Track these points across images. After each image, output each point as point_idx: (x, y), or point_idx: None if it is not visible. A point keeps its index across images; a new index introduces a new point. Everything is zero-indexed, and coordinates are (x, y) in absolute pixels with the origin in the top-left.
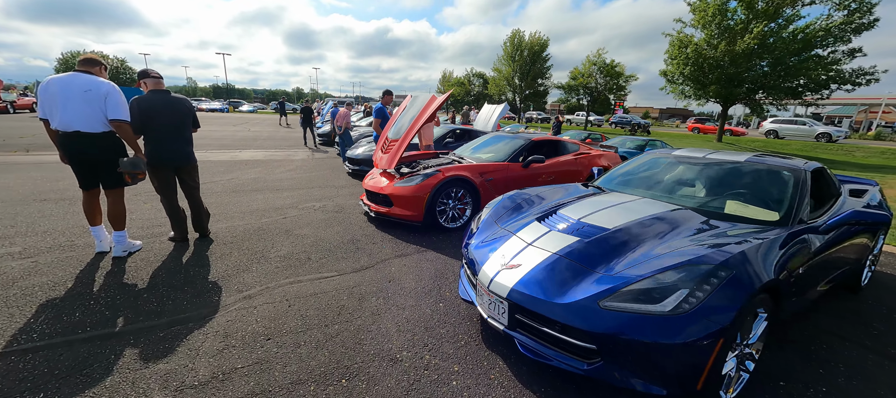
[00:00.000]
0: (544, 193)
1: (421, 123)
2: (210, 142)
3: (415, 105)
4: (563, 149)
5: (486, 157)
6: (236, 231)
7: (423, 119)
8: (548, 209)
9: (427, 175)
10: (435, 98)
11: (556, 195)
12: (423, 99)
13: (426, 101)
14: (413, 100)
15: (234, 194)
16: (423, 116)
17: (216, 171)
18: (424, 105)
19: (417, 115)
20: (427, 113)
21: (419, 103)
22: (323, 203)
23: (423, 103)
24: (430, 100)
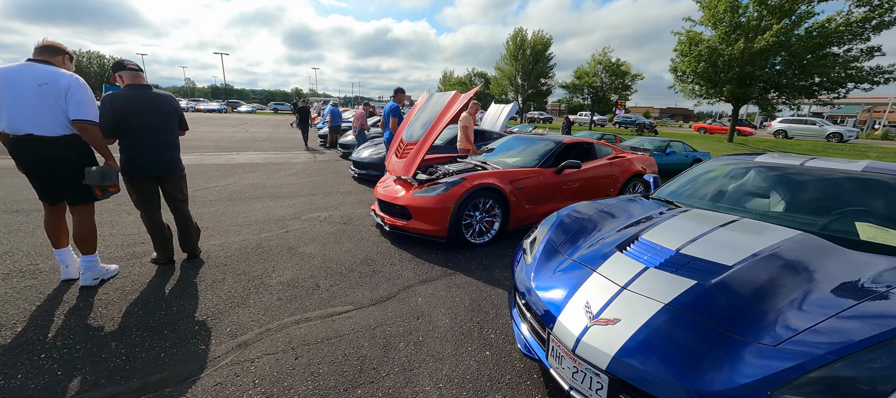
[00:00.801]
0: (605, 210)
1: (443, 125)
2: (206, 144)
3: (432, 104)
4: (594, 152)
5: (512, 161)
6: (231, 249)
7: (446, 120)
8: (626, 235)
9: (451, 183)
10: (458, 96)
11: (621, 213)
12: (442, 98)
13: (448, 101)
14: (430, 98)
15: (230, 203)
16: (446, 117)
17: (211, 177)
18: (446, 104)
19: (438, 115)
20: (450, 113)
21: (438, 103)
22: (329, 213)
23: (444, 103)
24: (452, 98)
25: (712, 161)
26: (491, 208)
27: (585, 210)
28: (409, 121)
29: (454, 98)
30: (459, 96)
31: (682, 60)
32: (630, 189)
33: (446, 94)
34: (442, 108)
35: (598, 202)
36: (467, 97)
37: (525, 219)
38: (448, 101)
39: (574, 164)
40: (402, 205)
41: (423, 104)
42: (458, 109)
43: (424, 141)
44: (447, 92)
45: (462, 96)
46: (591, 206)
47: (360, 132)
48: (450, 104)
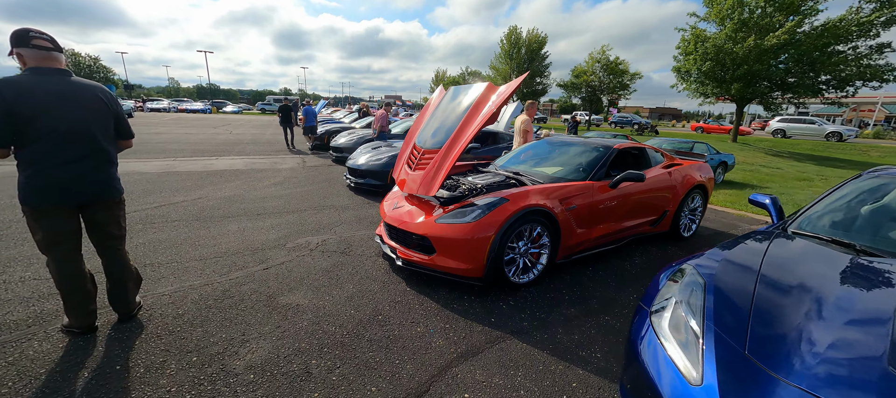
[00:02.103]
0: (761, 265)
1: (474, 128)
2: (182, 148)
3: (457, 101)
4: (646, 159)
5: (552, 172)
6: (185, 302)
7: (479, 122)
8: (871, 330)
9: (489, 206)
10: (494, 88)
11: (791, 267)
12: (470, 92)
13: (479, 96)
14: (451, 94)
15: (197, 225)
16: (478, 118)
17: (180, 188)
18: (476, 100)
19: (466, 115)
20: (484, 112)
21: (465, 99)
22: (321, 237)
23: (474, 99)
24: (485, 91)
25: (869, 179)
26: (538, 237)
27: (733, 267)
28: (423, 121)
29: (488, 91)
30: (495, 89)
31: (686, 59)
32: (688, 204)
33: (475, 88)
34: (471, 106)
35: (729, 248)
36: (509, 90)
37: (575, 248)
38: (480, 96)
39: (636, 177)
40: (421, 234)
41: (442, 101)
42: (495, 107)
43: (449, 149)
44: (476, 84)
45: (501, 89)
46: (735, 258)
47: (380, 134)
48: (482, 100)
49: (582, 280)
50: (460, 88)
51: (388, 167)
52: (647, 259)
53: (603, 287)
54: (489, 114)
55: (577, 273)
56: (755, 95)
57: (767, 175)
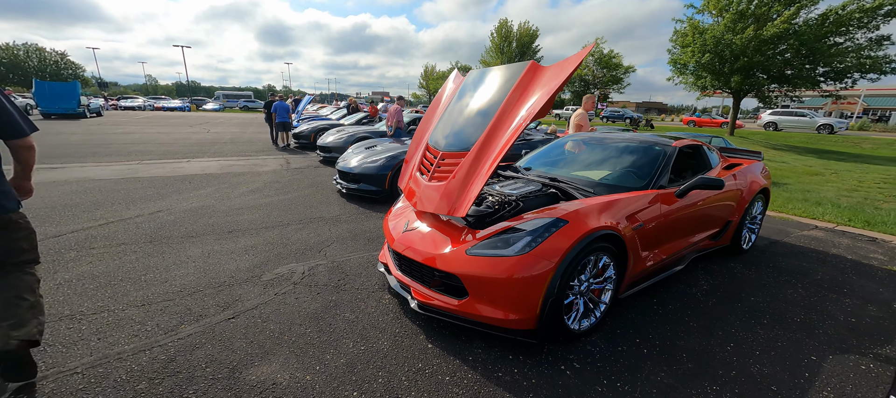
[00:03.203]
0: None
1: (519, 124)
2: (150, 148)
3: (485, 89)
4: (703, 159)
5: (599, 177)
6: (103, 388)
7: (525, 115)
8: None
9: (543, 230)
10: (539, 68)
11: None
12: (501, 75)
13: (519, 77)
14: (479, 79)
15: (149, 248)
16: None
17: (138, 198)
18: (516, 84)
19: (503, 104)
20: (533, 98)
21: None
22: (308, 264)
23: (513, 82)
24: (527, 72)
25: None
26: (603, 268)
27: None
28: (436, 115)
29: (531, 72)
30: (542, 70)
31: (683, 51)
32: (750, 212)
33: (511, 69)
34: (510, 94)
35: None
36: (571, 67)
37: (639, 276)
38: (521, 79)
39: (713, 184)
40: (448, 271)
41: (462, 89)
42: (549, 92)
43: (482, 153)
44: (510, 65)
45: (550, 70)
46: None
47: (396, 131)
48: (525, 85)
49: (651, 319)
50: (488, 72)
51: (386, 169)
52: (715, 283)
53: (683, 331)
54: (542, 103)
55: (642, 308)
56: (753, 88)
57: (777, 169)
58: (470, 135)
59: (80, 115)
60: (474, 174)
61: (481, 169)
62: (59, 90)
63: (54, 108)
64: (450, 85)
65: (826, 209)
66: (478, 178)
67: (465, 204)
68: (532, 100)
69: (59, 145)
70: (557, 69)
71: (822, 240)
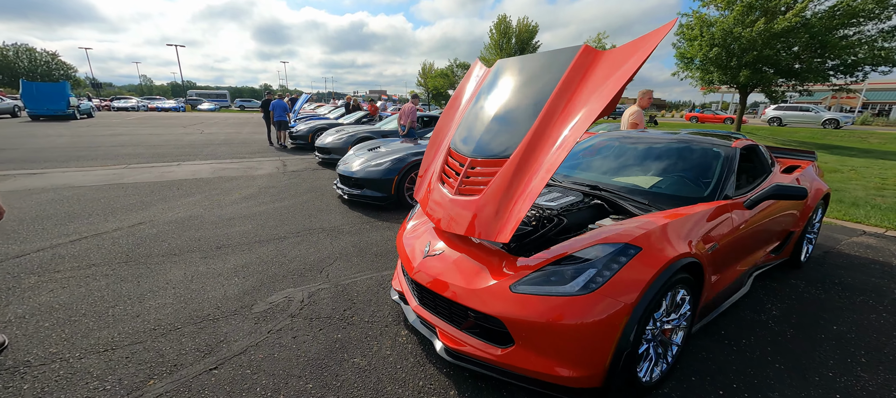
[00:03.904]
0: None
1: (580, 123)
2: (140, 151)
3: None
4: (761, 161)
5: (649, 184)
6: None
7: (588, 112)
8: None
9: (609, 260)
10: (595, 53)
11: None
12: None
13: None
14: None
15: (124, 270)
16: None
17: (119, 207)
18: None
19: (553, 97)
20: (603, 90)
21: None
22: (308, 288)
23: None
24: (579, 57)
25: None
26: (681, 301)
27: None
28: (457, 114)
29: (585, 57)
30: (603, 57)
31: (689, 46)
32: (812, 222)
33: (556, 54)
34: (557, 85)
35: None
36: (638, 58)
37: (709, 305)
38: (571, 66)
39: (794, 193)
40: (486, 313)
41: (493, 82)
42: (619, 84)
43: (526, 161)
44: (554, 50)
45: (614, 55)
46: None
47: (409, 131)
48: (579, 73)
49: (726, 358)
50: (524, 61)
51: (392, 173)
52: (783, 307)
53: (772, 375)
54: (610, 96)
55: (710, 343)
56: (762, 82)
57: None
58: (508, 138)
59: (69, 117)
60: (518, 189)
61: (528, 182)
62: (47, 91)
63: (42, 109)
64: (473, 77)
65: (866, 211)
66: (524, 195)
67: (509, 227)
68: (594, 93)
69: (43, 149)
70: (625, 53)
71: (878, 248)
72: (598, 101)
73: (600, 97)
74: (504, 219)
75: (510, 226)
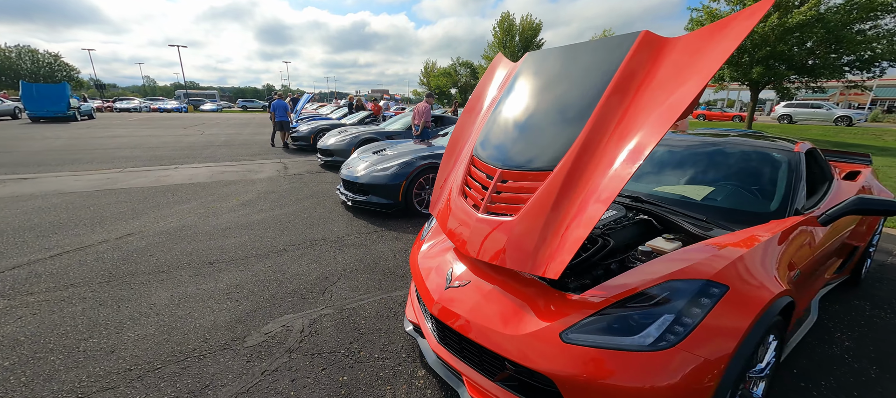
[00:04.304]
0: None
1: (661, 124)
2: (138, 153)
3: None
4: (820, 167)
5: (700, 196)
6: None
7: (671, 112)
8: None
9: (690, 303)
10: (659, 39)
11: None
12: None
13: (629, 52)
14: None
15: (105, 291)
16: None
17: (109, 215)
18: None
19: (608, 91)
20: (669, 86)
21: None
22: (310, 314)
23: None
24: (639, 43)
25: None
26: (765, 350)
27: None
28: (479, 117)
29: (649, 46)
30: (673, 44)
31: None
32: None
33: (603, 46)
34: (611, 80)
35: None
36: (727, 44)
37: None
38: (628, 58)
39: (880, 207)
40: (530, 368)
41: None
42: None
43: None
44: (603, 39)
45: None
46: None
47: (424, 131)
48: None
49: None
50: (563, 52)
51: (399, 178)
52: (855, 336)
53: None
54: (692, 95)
55: (785, 384)
56: (774, 79)
57: None
58: (548, 147)
59: (69, 118)
60: (568, 211)
61: (583, 204)
62: (47, 92)
63: (42, 110)
64: (497, 74)
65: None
66: (578, 221)
67: (558, 260)
68: (667, 91)
69: (38, 151)
70: (702, 40)
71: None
72: (678, 102)
73: (680, 98)
74: (551, 250)
75: (560, 259)
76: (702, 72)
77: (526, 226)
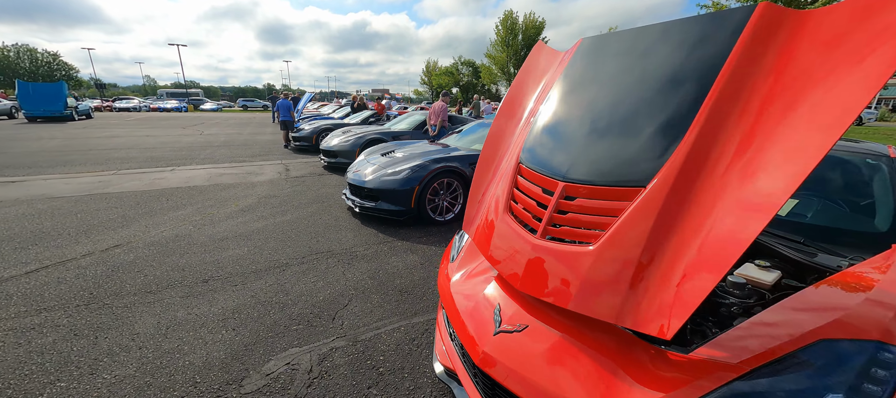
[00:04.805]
0: None
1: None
2: (134, 154)
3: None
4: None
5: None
6: None
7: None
8: None
9: (863, 377)
10: (785, 12)
11: None
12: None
13: (738, 28)
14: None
15: (84, 315)
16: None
17: (99, 223)
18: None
19: (718, 87)
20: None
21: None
22: (318, 348)
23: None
24: (758, 20)
25: None
26: None
27: None
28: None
29: (777, 21)
30: (809, 19)
31: None
32: None
33: (704, 22)
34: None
35: None
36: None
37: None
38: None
39: None
40: None
41: (579, 67)
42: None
43: (682, 192)
44: (708, 14)
45: (827, 18)
46: None
47: (441, 132)
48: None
49: None
50: (636, 35)
51: (412, 183)
52: None
53: None
54: (880, 79)
55: None
56: None
57: None
58: (638, 154)
59: (67, 118)
60: (683, 244)
61: (708, 236)
62: (43, 91)
63: (39, 110)
64: (541, 65)
65: None
66: (703, 260)
67: (674, 315)
68: (834, 79)
69: (31, 152)
70: (862, 8)
71: None
72: (846, 97)
73: (850, 91)
74: (661, 300)
75: (676, 313)
76: (882, 56)
77: (612, 260)
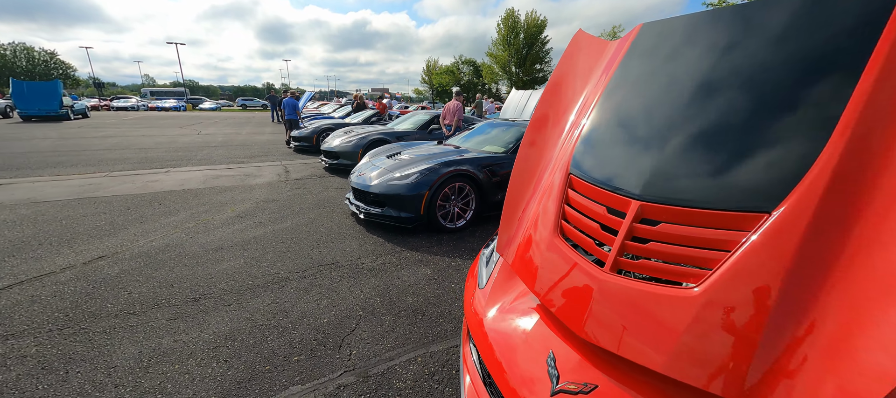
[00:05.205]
0: None
1: None
2: (128, 154)
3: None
4: None
5: None
6: None
7: None
8: None
9: None
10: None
11: None
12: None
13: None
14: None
15: (56, 343)
16: None
17: (84, 230)
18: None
19: (873, 64)
20: None
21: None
22: (324, 386)
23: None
24: None
25: None
26: None
27: None
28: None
29: None
30: None
31: None
32: None
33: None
34: (872, 49)
35: None
36: None
37: None
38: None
39: None
40: None
41: (644, 58)
42: None
43: (829, 214)
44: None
45: None
46: None
47: (455, 131)
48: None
49: None
50: (718, 18)
51: (421, 188)
52: None
53: None
54: None
55: None
56: None
57: None
58: (754, 168)
59: (63, 117)
60: (855, 294)
61: (888, 286)
62: (38, 90)
63: (34, 109)
64: (584, 56)
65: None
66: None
67: None
68: None
69: (21, 153)
70: None
71: None
72: None
73: None
74: (817, 380)
75: None
76: None
77: (729, 309)
